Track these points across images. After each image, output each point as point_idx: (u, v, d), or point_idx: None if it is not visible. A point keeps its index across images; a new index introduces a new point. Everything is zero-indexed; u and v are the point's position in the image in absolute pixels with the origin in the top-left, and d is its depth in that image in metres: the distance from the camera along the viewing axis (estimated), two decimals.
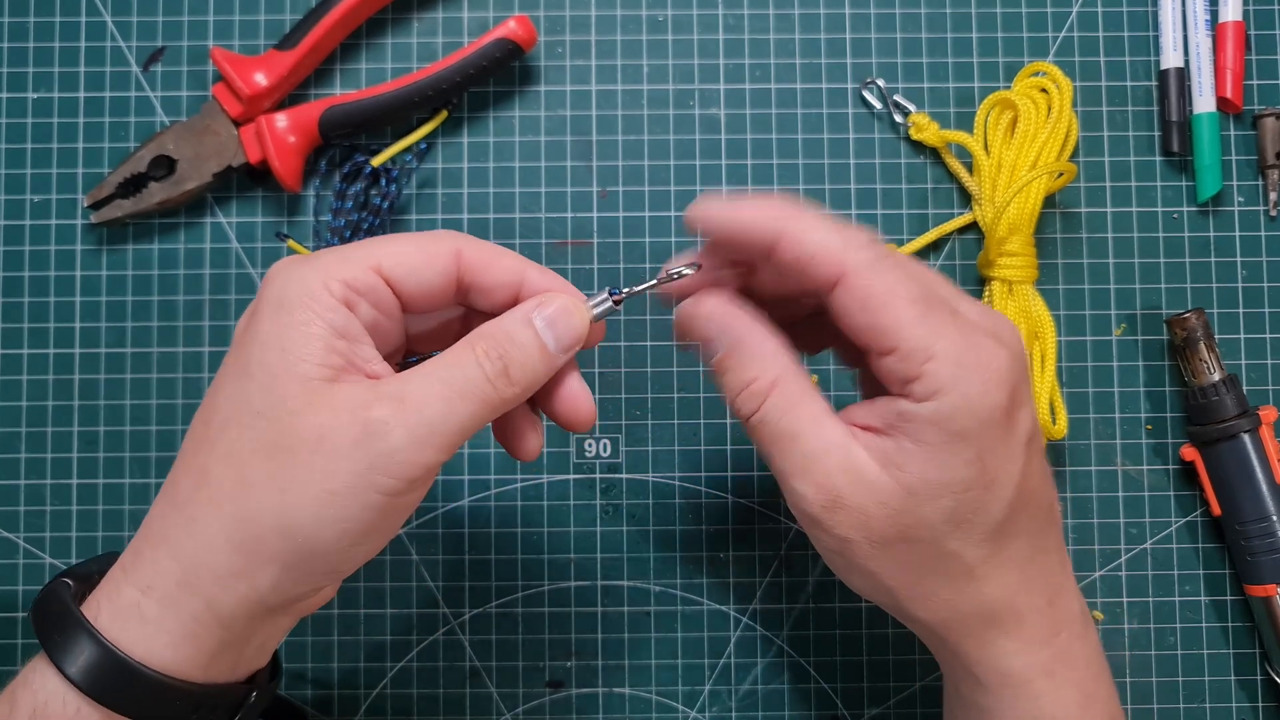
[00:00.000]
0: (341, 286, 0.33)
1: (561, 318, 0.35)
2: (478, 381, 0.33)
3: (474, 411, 0.33)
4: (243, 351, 0.33)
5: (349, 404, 0.32)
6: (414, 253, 0.34)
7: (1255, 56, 0.53)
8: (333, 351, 0.33)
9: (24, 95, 0.52)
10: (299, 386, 0.32)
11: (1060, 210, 0.52)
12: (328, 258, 0.34)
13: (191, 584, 0.33)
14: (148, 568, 0.33)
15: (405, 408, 0.32)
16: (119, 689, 0.32)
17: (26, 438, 0.51)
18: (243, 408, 0.33)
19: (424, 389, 0.33)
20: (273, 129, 0.49)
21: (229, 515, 0.32)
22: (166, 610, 0.33)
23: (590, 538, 0.51)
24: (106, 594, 0.33)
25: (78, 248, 0.52)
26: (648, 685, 0.51)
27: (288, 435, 0.32)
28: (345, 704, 0.51)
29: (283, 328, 0.33)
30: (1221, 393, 0.49)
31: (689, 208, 0.37)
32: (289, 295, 0.33)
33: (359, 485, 0.32)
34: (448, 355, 0.34)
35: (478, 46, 0.50)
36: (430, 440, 0.32)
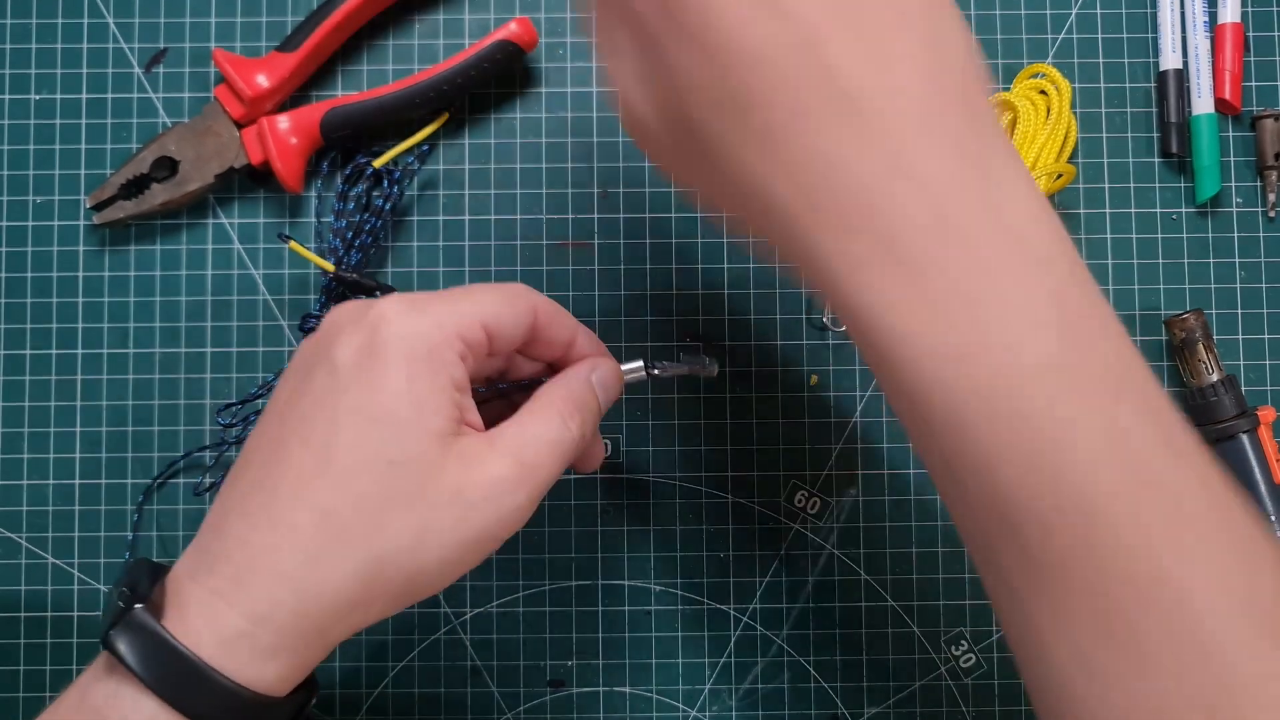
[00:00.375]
0: (460, 343, 0.36)
1: (610, 381, 0.40)
2: (568, 441, 0.37)
3: (563, 466, 0.37)
4: (367, 392, 0.34)
5: (480, 462, 0.35)
6: (507, 310, 0.37)
7: (1254, 58, 0.53)
8: (455, 405, 0.35)
9: (27, 97, 0.52)
10: (433, 441, 0.34)
11: (1059, 211, 0.52)
12: (444, 309, 0.36)
13: (310, 616, 0.34)
14: (261, 598, 0.33)
15: (526, 470, 0.35)
16: (220, 713, 0.33)
17: (29, 438, 0.51)
18: (374, 454, 0.34)
19: (538, 453, 0.36)
20: (274, 130, 0.49)
21: (361, 557, 0.34)
22: (282, 639, 0.34)
23: (591, 537, 0.51)
24: (204, 621, 0.33)
25: (80, 249, 0.52)
26: (648, 684, 0.51)
27: (426, 487, 0.34)
28: (347, 703, 0.51)
29: (414, 382, 0.34)
30: (1220, 393, 0.49)
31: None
32: (419, 349, 0.35)
33: (486, 536, 0.35)
34: (539, 418, 0.37)
35: (479, 48, 0.50)
36: (539, 494, 0.36)
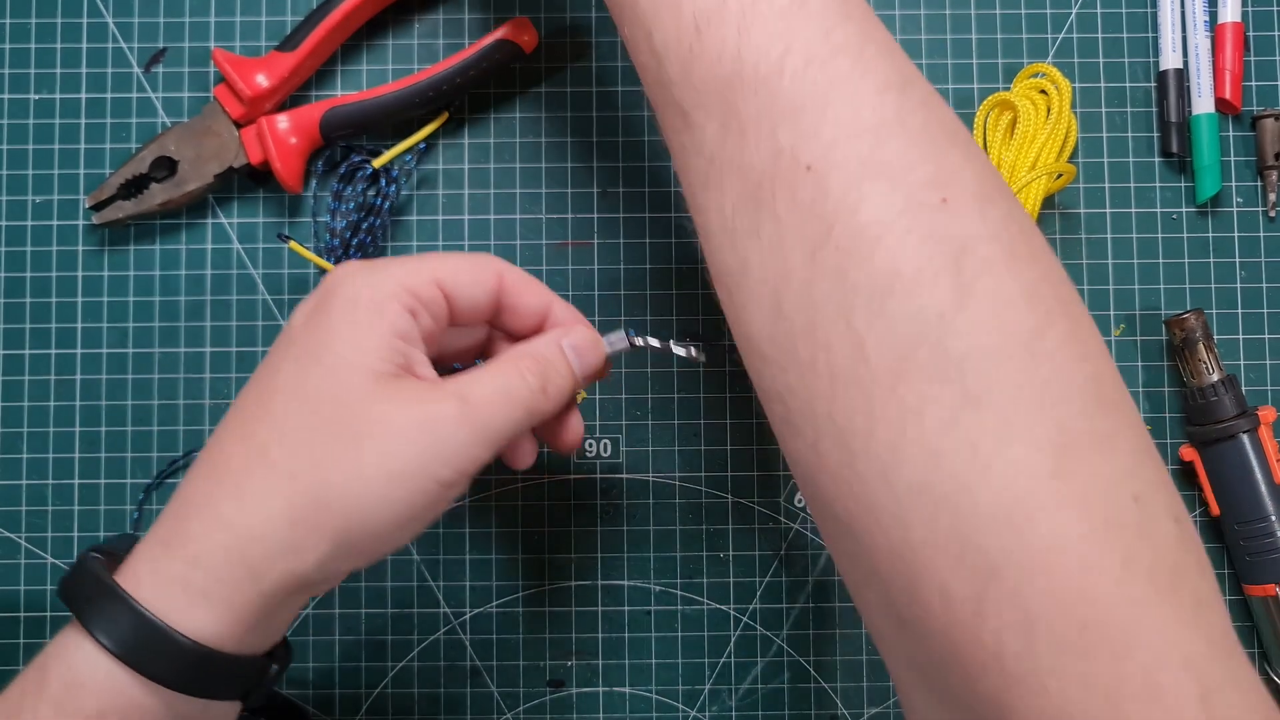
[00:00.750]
0: (409, 295, 0.36)
1: (585, 347, 0.40)
2: (524, 392, 0.37)
3: (519, 418, 0.36)
4: (309, 340, 0.35)
5: (416, 397, 0.35)
6: (467, 271, 0.38)
7: (1254, 58, 0.53)
8: (397, 352, 0.35)
9: (26, 96, 0.52)
10: (367, 378, 0.34)
11: (1059, 211, 0.52)
12: (395, 267, 0.37)
13: (241, 557, 0.34)
14: (194, 540, 0.34)
15: (468, 407, 0.35)
16: (158, 657, 0.33)
17: (28, 438, 0.51)
18: (309, 391, 0.35)
19: (483, 392, 0.36)
20: (274, 130, 0.49)
21: (290, 492, 0.34)
22: (213, 581, 0.34)
23: (591, 537, 0.51)
24: (147, 567, 0.34)
25: (79, 248, 0.52)
26: (648, 684, 0.51)
27: (357, 421, 0.34)
28: (347, 703, 0.51)
29: (355, 324, 0.35)
30: (1220, 393, 0.49)
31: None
32: (363, 296, 0.36)
33: (419, 472, 0.34)
34: (495, 367, 0.37)
35: (478, 48, 0.50)
36: (485, 438, 0.35)
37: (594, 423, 0.51)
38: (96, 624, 0.33)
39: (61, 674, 0.34)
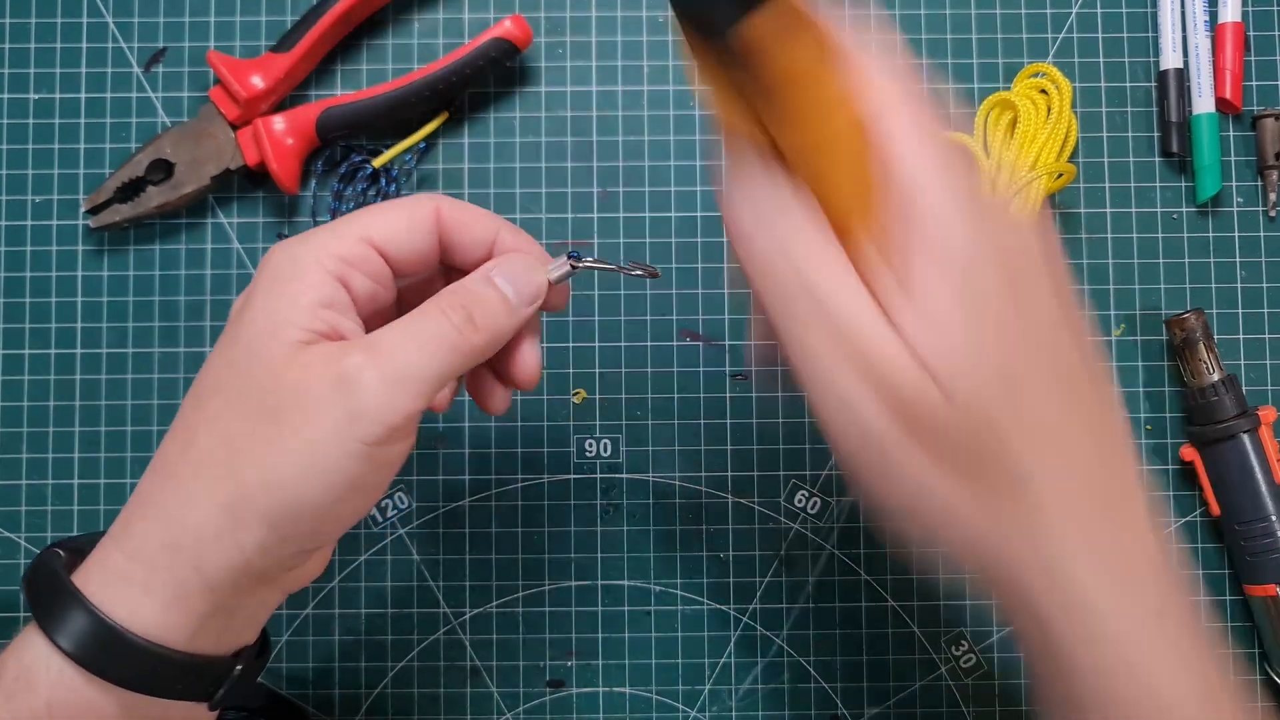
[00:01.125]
0: (335, 260, 0.35)
1: (520, 273, 0.37)
2: (445, 329, 0.34)
3: (444, 358, 0.34)
4: (235, 323, 0.35)
5: (324, 358, 0.33)
6: (401, 218, 0.36)
7: (1254, 57, 0.53)
8: (317, 319, 0.34)
9: (25, 96, 0.52)
10: (284, 349, 0.33)
11: (1060, 211, 0.52)
12: (320, 234, 0.35)
13: (178, 546, 0.33)
14: (135, 533, 0.34)
15: (378, 355, 0.33)
16: (104, 654, 0.32)
17: (28, 438, 0.51)
18: (228, 373, 0.34)
19: (393, 338, 0.34)
20: (270, 131, 0.49)
21: (215, 476, 0.33)
22: (153, 573, 0.33)
23: (590, 537, 0.51)
24: (96, 562, 0.34)
25: (79, 248, 0.52)
26: (648, 685, 0.51)
27: (270, 395, 0.33)
28: (346, 703, 0.51)
29: (273, 298, 0.34)
30: (1221, 393, 0.49)
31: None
32: (282, 270, 0.34)
33: (340, 434, 0.32)
34: (415, 311, 0.35)
35: (473, 47, 0.50)
36: (404, 385, 0.33)
37: (594, 422, 0.51)
38: (48, 619, 0.33)
39: (13, 665, 0.33)
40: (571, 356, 0.52)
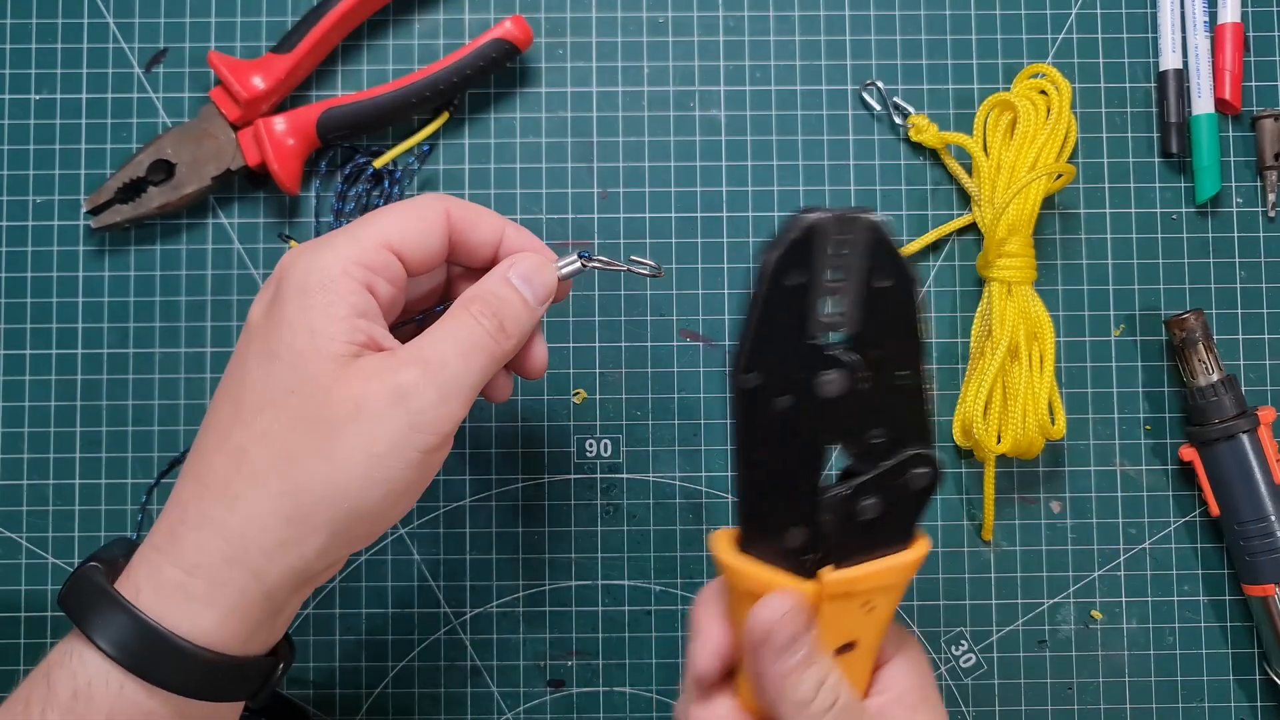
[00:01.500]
0: (360, 269, 0.35)
1: (534, 274, 0.39)
2: (482, 337, 0.36)
3: (484, 364, 0.36)
4: (268, 336, 0.35)
5: (378, 372, 0.34)
6: (415, 221, 0.37)
7: (1254, 58, 0.53)
8: (357, 330, 0.35)
9: (27, 97, 0.52)
10: (330, 364, 0.34)
11: (1059, 211, 0.52)
12: (341, 241, 0.36)
13: (239, 560, 0.34)
14: (191, 548, 0.34)
15: (430, 368, 0.34)
16: (164, 664, 0.33)
17: (29, 438, 0.51)
18: (275, 388, 0.34)
19: (441, 350, 0.35)
20: (271, 132, 0.49)
21: (276, 490, 0.34)
22: (215, 587, 0.34)
23: (591, 537, 0.51)
24: (145, 575, 0.34)
25: (80, 249, 0.52)
26: (648, 684, 0.51)
27: (325, 408, 0.34)
28: (347, 703, 0.51)
29: (308, 311, 0.35)
30: (1220, 393, 0.49)
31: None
32: (311, 282, 0.35)
33: (400, 444, 0.34)
34: (449, 319, 0.36)
35: (474, 47, 0.50)
36: (456, 395, 0.35)
37: (594, 422, 0.52)
38: (100, 632, 0.33)
39: (68, 682, 0.34)
40: (571, 356, 0.52)
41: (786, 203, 0.52)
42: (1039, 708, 0.51)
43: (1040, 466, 0.52)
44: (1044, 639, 0.51)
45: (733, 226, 0.52)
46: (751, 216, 0.52)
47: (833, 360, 0.34)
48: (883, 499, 0.35)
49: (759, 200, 0.52)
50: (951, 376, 0.52)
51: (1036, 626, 0.51)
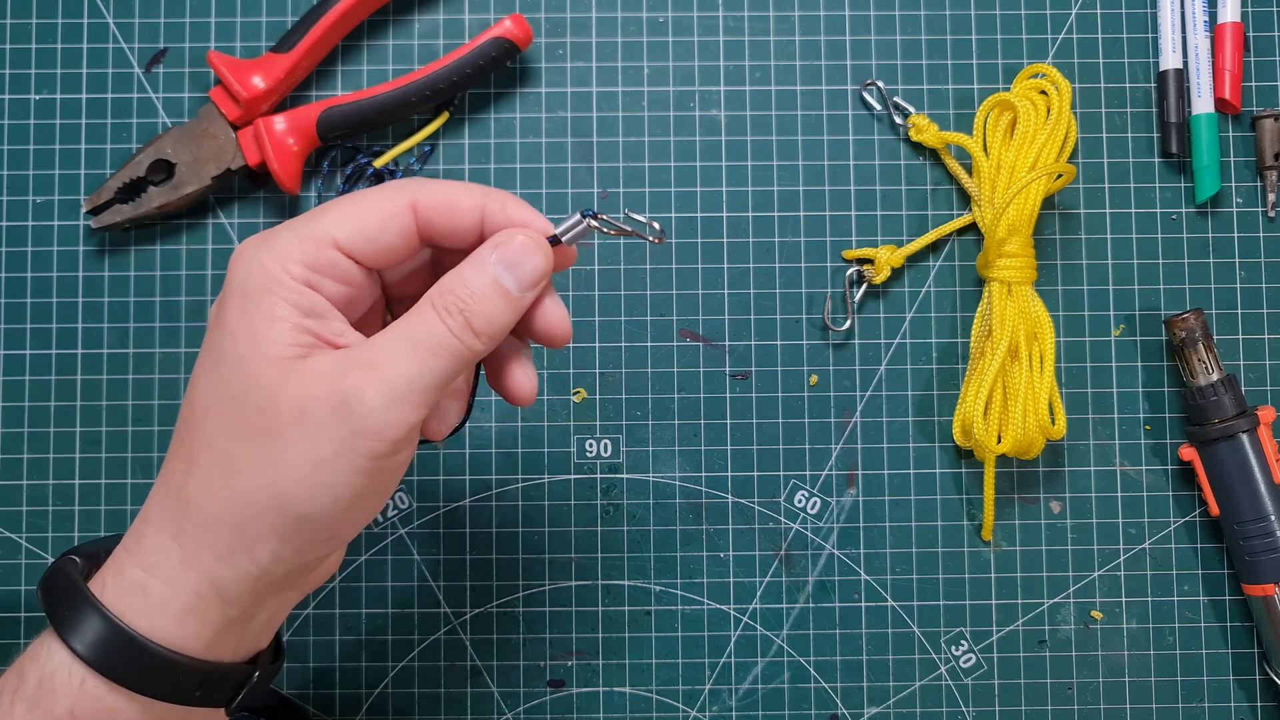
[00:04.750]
0: (301, 268, 0.33)
1: (521, 257, 0.35)
2: (443, 336, 0.33)
3: (445, 366, 0.33)
4: (214, 340, 0.34)
5: (323, 375, 0.32)
6: (370, 218, 0.34)
7: (1254, 58, 0.53)
8: (301, 331, 0.33)
9: (26, 97, 0.52)
10: (272, 367, 0.33)
11: (1059, 211, 0.52)
12: (284, 238, 0.34)
13: (193, 564, 0.33)
14: (150, 549, 0.34)
15: (378, 371, 0.32)
16: (125, 662, 0.33)
17: (29, 438, 0.51)
18: (220, 393, 0.33)
19: (393, 351, 0.33)
20: (271, 131, 0.49)
21: (222, 498, 0.33)
22: (171, 588, 0.33)
23: (591, 537, 0.51)
24: (112, 572, 0.34)
25: (80, 249, 0.52)
26: (648, 684, 0.51)
27: (268, 415, 0.32)
28: (347, 703, 0.51)
29: (248, 315, 0.33)
30: (1220, 393, 0.49)
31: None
32: (251, 283, 0.33)
33: (345, 451, 0.32)
34: (411, 314, 0.34)
35: (474, 46, 0.50)
36: (407, 399, 0.33)
37: (594, 422, 0.52)
38: (67, 627, 0.33)
39: (35, 672, 0.34)
40: (571, 356, 0.52)
41: (787, 203, 0.52)
42: (1039, 708, 0.51)
43: (1040, 466, 0.52)
44: (1044, 639, 0.51)
45: (733, 226, 0.52)
46: (751, 217, 0.52)
47: None
48: None
49: (759, 200, 0.52)
50: (951, 377, 0.52)
51: (1036, 627, 0.51)
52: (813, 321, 0.52)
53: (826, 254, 0.52)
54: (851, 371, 0.52)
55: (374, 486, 0.34)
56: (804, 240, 0.52)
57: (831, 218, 0.52)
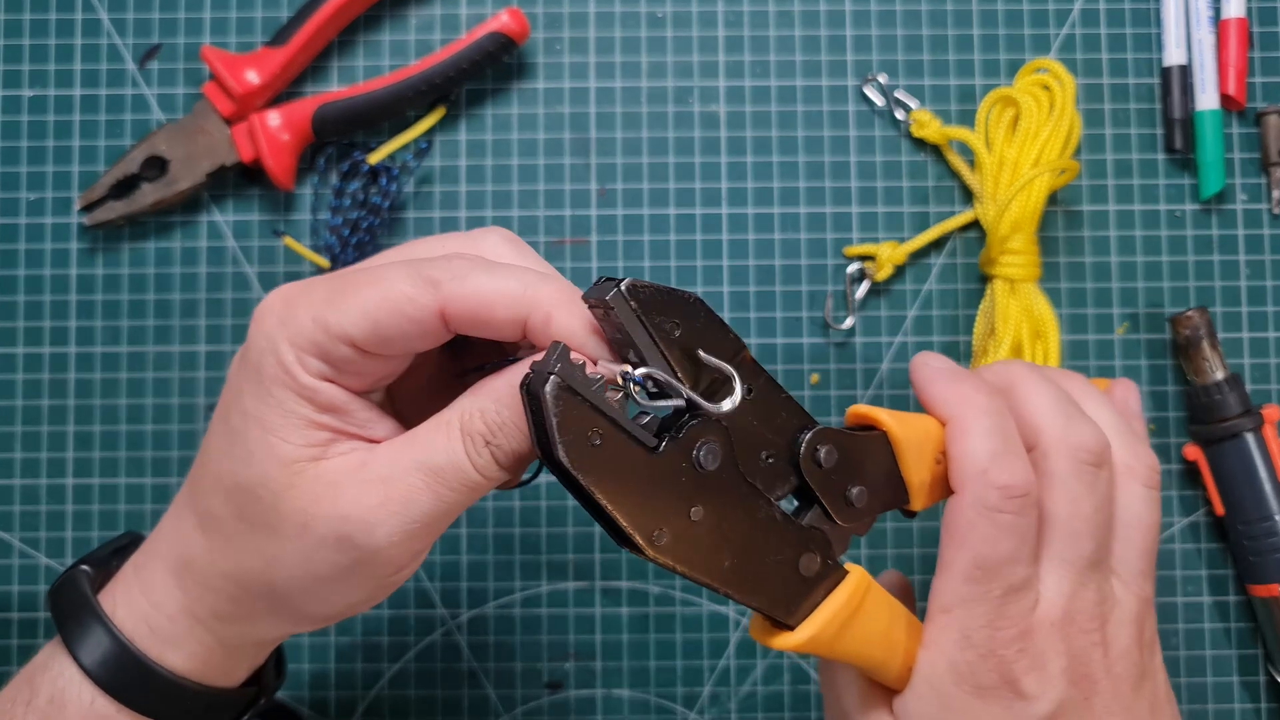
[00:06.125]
0: (317, 363, 0.31)
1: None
2: (463, 469, 0.31)
3: (461, 501, 0.31)
4: (229, 410, 0.32)
5: (331, 491, 0.31)
6: (390, 323, 0.30)
7: (1258, 53, 0.52)
8: (316, 427, 0.31)
9: (19, 93, 0.52)
10: (281, 470, 0.31)
11: (1062, 208, 0.52)
12: (304, 320, 0.31)
13: (193, 614, 0.34)
14: (157, 586, 0.34)
15: (389, 506, 0.30)
16: (135, 686, 0.33)
17: (21, 437, 0.51)
18: (227, 474, 0.32)
19: (408, 483, 0.30)
20: (265, 127, 0.49)
21: (222, 570, 0.33)
22: (175, 629, 0.34)
23: (589, 538, 0.51)
24: (122, 592, 0.34)
25: (73, 246, 0.51)
26: (647, 687, 0.50)
27: (271, 515, 0.31)
28: (342, 706, 0.50)
29: (261, 403, 0.31)
30: (1224, 391, 0.49)
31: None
32: (266, 369, 0.31)
33: (345, 574, 0.31)
34: (432, 432, 0.31)
35: (470, 41, 0.50)
36: (418, 535, 0.31)
37: None
38: (77, 643, 0.33)
39: (46, 686, 0.34)
40: None
41: (787, 199, 0.52)
42: None
43: None
44: None
45: (732, 223, 0.52)
46: (751, 213, 0.52)
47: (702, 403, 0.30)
48: (835, 472, 0.33)
49: (759, 197, 0.52)
50: None
51: None
52: (814, 319, 0.51)
53: (827, 251, 0.52)
54: (852, 371, 0.51)
55: (372, 595, 0.33)
56: (805, 237, 0.52)
57: (832, 214, 0.52)
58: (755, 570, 0.32)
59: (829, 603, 0.33)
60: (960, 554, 0.34)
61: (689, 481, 0.30)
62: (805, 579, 0.33)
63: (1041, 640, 0.34)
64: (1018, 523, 0.34)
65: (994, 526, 0.33)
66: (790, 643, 0.33)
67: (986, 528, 0.33)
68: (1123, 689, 0.34)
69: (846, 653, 0.34)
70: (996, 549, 0.33)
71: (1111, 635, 0.35)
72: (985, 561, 0.33)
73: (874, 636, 0.34)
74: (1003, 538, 0.33)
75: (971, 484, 0.34)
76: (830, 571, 0.34)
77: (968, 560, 0.34)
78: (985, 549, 0.33)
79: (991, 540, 0.33)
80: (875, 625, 0.34)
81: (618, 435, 0.29)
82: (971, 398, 0.35)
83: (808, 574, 0.33)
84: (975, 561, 0.33)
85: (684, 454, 0.30)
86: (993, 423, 0.35)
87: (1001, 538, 0.33)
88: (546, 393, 0.27)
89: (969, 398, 0.35)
